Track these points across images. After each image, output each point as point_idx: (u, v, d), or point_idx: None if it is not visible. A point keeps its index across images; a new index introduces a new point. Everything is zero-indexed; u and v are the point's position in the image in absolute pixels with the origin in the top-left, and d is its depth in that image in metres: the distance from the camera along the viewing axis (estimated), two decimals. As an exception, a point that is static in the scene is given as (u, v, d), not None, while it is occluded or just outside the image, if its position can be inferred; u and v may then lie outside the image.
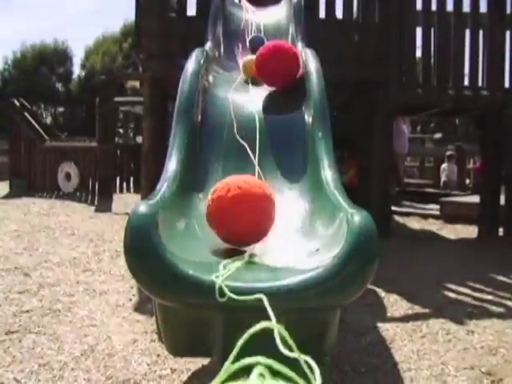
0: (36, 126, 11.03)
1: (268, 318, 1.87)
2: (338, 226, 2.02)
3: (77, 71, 39.13)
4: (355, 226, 1.83)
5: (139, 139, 11.56)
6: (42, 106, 37.28)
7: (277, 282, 1.77)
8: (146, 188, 5.49)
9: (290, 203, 2.53)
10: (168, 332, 1.91)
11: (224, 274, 1.76)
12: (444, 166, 12.07)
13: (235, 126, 2.95)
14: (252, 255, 2.03)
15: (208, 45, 3.90)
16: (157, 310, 1.95)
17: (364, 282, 1.81)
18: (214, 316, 1.81)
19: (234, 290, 1.71)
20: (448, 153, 12.32)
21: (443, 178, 11.83)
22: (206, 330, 1.88)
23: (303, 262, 1.96)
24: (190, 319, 1.87)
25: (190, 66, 3.19)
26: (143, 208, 1.86)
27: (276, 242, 2.21)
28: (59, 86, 38.20)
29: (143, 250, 1.77)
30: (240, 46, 4.20)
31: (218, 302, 1.72)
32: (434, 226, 7.44)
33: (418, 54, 6.52)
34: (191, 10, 5.73)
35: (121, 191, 10.95)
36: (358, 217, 1.88)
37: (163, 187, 2.25)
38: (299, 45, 3.90)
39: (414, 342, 3.02)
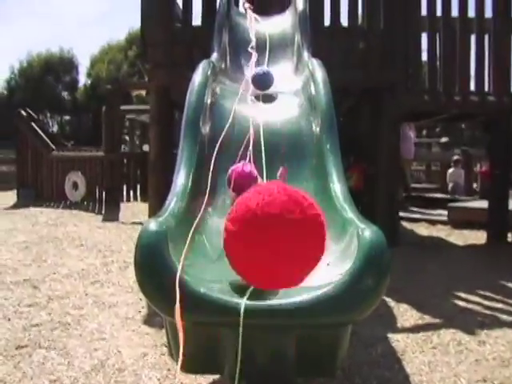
0: (42, 135, 11.07)
1: (279, 335, 1.88)
2: (349, 240, 2.01)
3: (83, 80, 39.37)
4: (366, 242, 1.82)
5: (145, 147, 11.59)
6: (49, 114, 37.50)
7: (288, 299, 1.76)
8: (153, 197, 5.51)
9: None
10: (179, 350, 1.90)
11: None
12: (451, 171, 12.03)
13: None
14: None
15: (214, 56, 3.88)
16: (168, 328, 1.94)
17: (375, 298, 1.80)
18: (226, 334, 1.80)
19: (245, 308, 1.71)
20: (454, 157, 12.28)
21: (450, 184, 11.78)
22: (217, 347, 1.87)
23: (314, 277, 1.94)
24: (202, 337, 1.86)
25: (197, 77, 3.19)
26: (153, 225, 1.86)
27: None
28: (65, 94, 38.41)
29: (154, 269, 1.76)
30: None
31: (230, 320, 1.71)
32: (442, 232, 7.41)
33: (424, 59, 6.53)
34: (196, 20, 5.74)
35: (128, 200, 10.97)
36: (368, 232, 1.87)
37: (172, 202, 2.24)
38: (305, 54, 3.89)
39: (425, 353, 3.00)
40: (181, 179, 2.46)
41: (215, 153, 2.73)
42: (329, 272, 1.95)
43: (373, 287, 1.78)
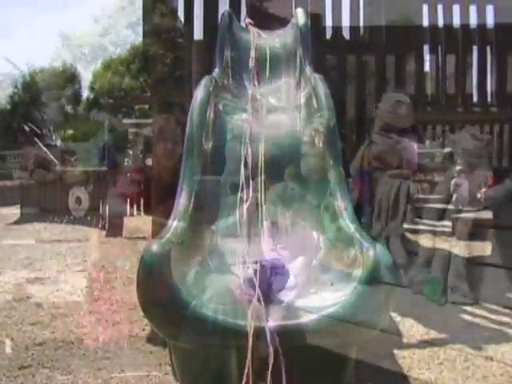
0: (46, 150, 11.07)
1: (282, 355, 1.86)
2: (353, 259, 1.99)
3: (85, 93, 39.47)
4: (370, 262, 1.80)
5: (148, 161, 11.56)
6: (52, 128, 37.57)
7: (293, 320, 1.74)
8: (157, 215, 5.47)
9: (302, 234, 2.49)
10: (185, 376, 1.88)
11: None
12: (454, 181, 11.97)
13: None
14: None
15: (216, 71, 3.87)
16: (171, 348, 1.92)
17: (382, 318, 1.78)
18: (229, 356, 1.78)
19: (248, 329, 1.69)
20: (458, 168, 12.23)
21: (454, 194, 11.71)
22: (221, 369, 1.85)
23: (319, 297, 1.92)
24: (206, 360, 1.84)
25: (199, 94, 3.17)
26: (155, 247, 1.85)
27: (291, 276, 2.17)
28: (68, 108, 38.52)
29: (155, 291, 1.75)
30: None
31: (234, 343, 1.69)
32: (446, 243, 7.33)
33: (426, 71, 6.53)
34: (198, 34, 5.74)
35: (131, 214, 10.92)
36: (373, 251, 1.84)
37: (175, 222, 2.22)
38: (307, 69, 3.87)
39: (432, 370, 2.96)
40: (183, 198, 2.44)
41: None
42: (333, 292, 1.92)
43: (378, 308, 1.76)
